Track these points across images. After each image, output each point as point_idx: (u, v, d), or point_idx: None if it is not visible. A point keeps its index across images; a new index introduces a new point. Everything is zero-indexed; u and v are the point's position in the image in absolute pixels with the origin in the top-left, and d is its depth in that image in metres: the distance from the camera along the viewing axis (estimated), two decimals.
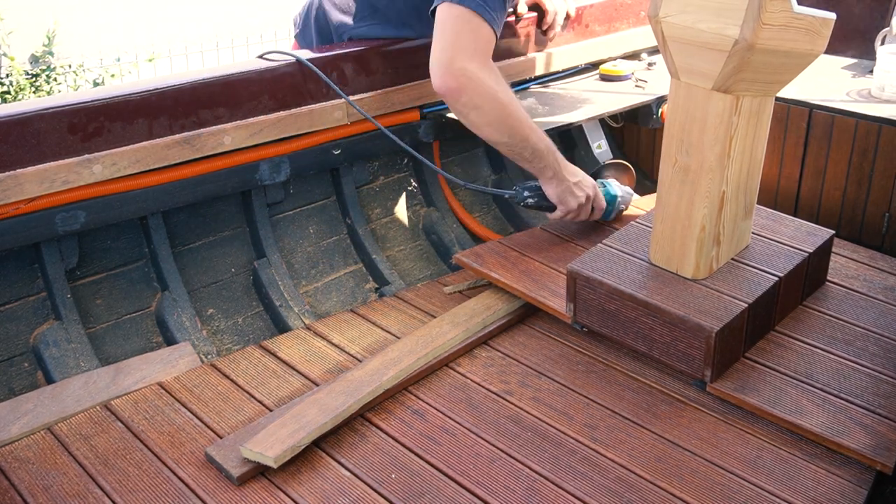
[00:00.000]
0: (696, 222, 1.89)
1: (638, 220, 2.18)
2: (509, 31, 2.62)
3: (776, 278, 1.93)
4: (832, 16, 1.75)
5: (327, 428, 1.70)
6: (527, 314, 2.13)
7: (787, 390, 1.79)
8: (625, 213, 2.45)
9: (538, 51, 2.72)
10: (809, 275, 2.08)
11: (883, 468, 1.60)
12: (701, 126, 1.81)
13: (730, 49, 1.66)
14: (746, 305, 1.84)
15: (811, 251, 2.04)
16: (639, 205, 2.60)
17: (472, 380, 1.89)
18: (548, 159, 2.12)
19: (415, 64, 2.43)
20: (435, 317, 2.12)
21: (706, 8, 1.68)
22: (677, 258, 1.94)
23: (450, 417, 1.78)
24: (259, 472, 1.63)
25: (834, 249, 2.24)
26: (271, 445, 1.64)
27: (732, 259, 2.00)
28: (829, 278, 2.18)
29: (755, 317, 1.89)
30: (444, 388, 1.87)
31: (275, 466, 1.61)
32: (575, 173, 2.19)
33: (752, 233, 2.09)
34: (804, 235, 2.10)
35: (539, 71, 2.74)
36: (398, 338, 2.04)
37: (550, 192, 2.18)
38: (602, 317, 1.95)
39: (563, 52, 2.77)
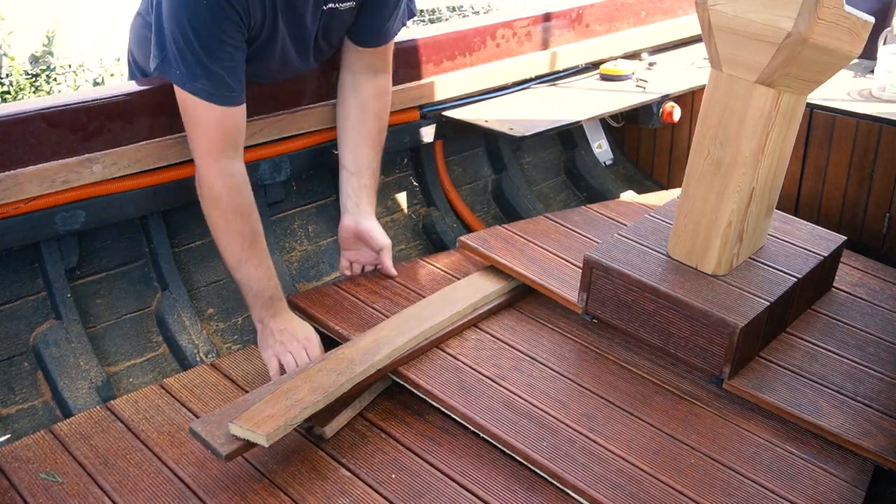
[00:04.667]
0: (723, 217, 1.85)
1: (650, 214, 2.15)
2: (508, 30, 2.62)
3: (795, 279, 1.92)
4: (871, 19, 1.73)
5: (320, 406, 1.66)
6: (516, 298, 2.11)
7: (804, 391, 1.79)
8: (636, 205, 2.44)
9: (538, 50, 2.72)
10: (820, 279, 2.08)
11: None
12: (740, 118, 1.78)
13: (781, 41, 1.63)
14: (768, 304, 1.82)
15: (825, 255, 2.03)
16: (646, 201, 2.61)
17: (463, 362, 1.88)
18: (254, 302, 1.93)
19: (414, 64, 2.43)
20: (423, 296, 2.09)
21: None
22: (699, 253, 1.91)
23: (443, 401, 1.76)
24: (247, 450, 1.58)
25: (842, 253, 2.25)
26: (262, 422, 1.57)
27: (749, 258, 1.98)
28: (833, 285, 2.18)
29: (773, 316, 1.88)
30: (434, 370, 1.85)
31: (266, 445, 1.56)
32: (282, 330, 1.93)
33: (768, 233, 2.08)
34: (817, 239, 2.09)
35: (540, 70, 2.73)
36: (387, 317, 2.01)
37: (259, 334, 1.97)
38: (617, 308, 1.93)
39: (563, 52, 2.77)
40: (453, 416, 1.75)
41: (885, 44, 2.60)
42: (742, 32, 1.68)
